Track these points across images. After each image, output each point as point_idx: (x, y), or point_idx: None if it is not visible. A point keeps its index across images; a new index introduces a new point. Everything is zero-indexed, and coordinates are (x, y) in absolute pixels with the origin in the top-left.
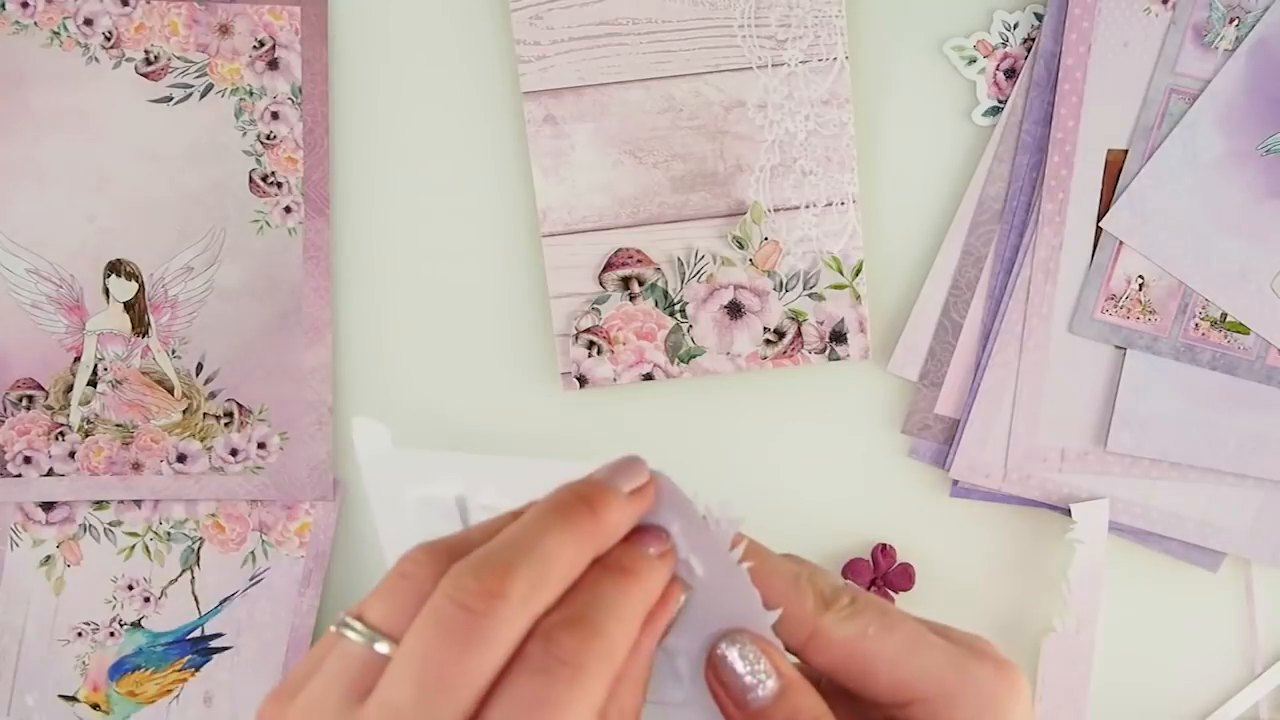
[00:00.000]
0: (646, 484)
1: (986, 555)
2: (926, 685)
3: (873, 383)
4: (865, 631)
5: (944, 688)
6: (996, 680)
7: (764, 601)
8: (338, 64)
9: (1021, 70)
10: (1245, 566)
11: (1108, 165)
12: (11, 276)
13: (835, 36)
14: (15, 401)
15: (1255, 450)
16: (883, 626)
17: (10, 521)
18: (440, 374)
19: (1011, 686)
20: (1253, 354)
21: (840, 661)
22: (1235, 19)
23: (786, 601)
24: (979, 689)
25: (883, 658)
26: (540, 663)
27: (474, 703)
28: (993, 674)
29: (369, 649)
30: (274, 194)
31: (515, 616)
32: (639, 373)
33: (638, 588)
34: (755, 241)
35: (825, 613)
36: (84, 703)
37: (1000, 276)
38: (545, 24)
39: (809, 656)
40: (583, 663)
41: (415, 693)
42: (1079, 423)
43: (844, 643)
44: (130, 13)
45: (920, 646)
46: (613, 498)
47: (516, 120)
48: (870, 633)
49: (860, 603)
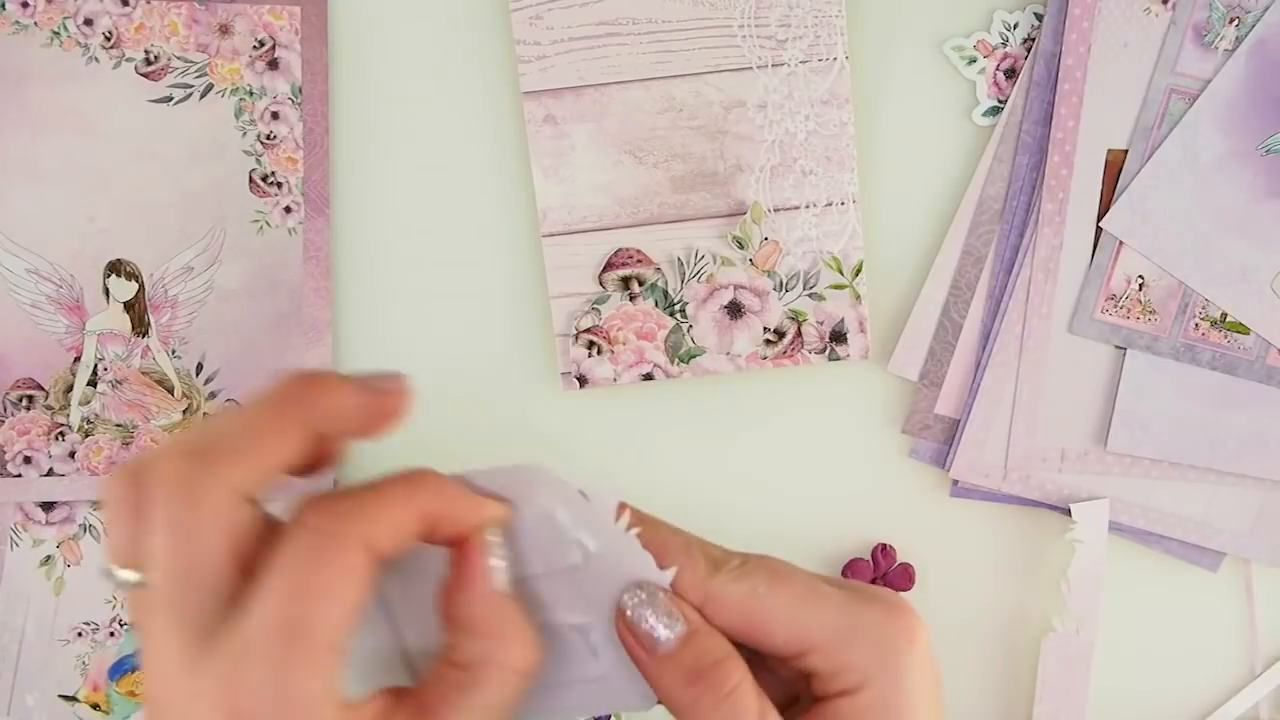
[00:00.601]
0: (395, 389)
1: (986, 555)
2: (820, 634)
3: (873, 383)
4: (756, 590)
5: (838, 634)
6: (890, 622)
7: (658, 564)
8: (338, 64)
9: (1021, 70)
10: (1245, 566)
11: (1108, 165)
12: (11, 276)
13: (835, 36)
14: (15, 401)
15: (1255, 450)
16: (773, 583)
17: (10, 521)
18: (440, 374)
19: (906, 626)
20: (1253, 354)
21: (736, 621)
22: (1235, 19)
23: (679, 566)
24: (873, 632)
25: (776, 612)
26: (297, 535)
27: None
28: (885, 616)
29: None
30: (274, 194)
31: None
32: (639, 373)
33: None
34: (755, 241)
35: (716, 575)
36: (84, 703)
37: (1000, 276)
38: (545, 24)
39: (706, 619)
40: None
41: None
42: (1079, 423)
43: (737, 602)
44: (130, 13)
45: (812, 598)
46: (328, 378)
47: (516, 120)
48: (761, 590)
49: (751, 564)
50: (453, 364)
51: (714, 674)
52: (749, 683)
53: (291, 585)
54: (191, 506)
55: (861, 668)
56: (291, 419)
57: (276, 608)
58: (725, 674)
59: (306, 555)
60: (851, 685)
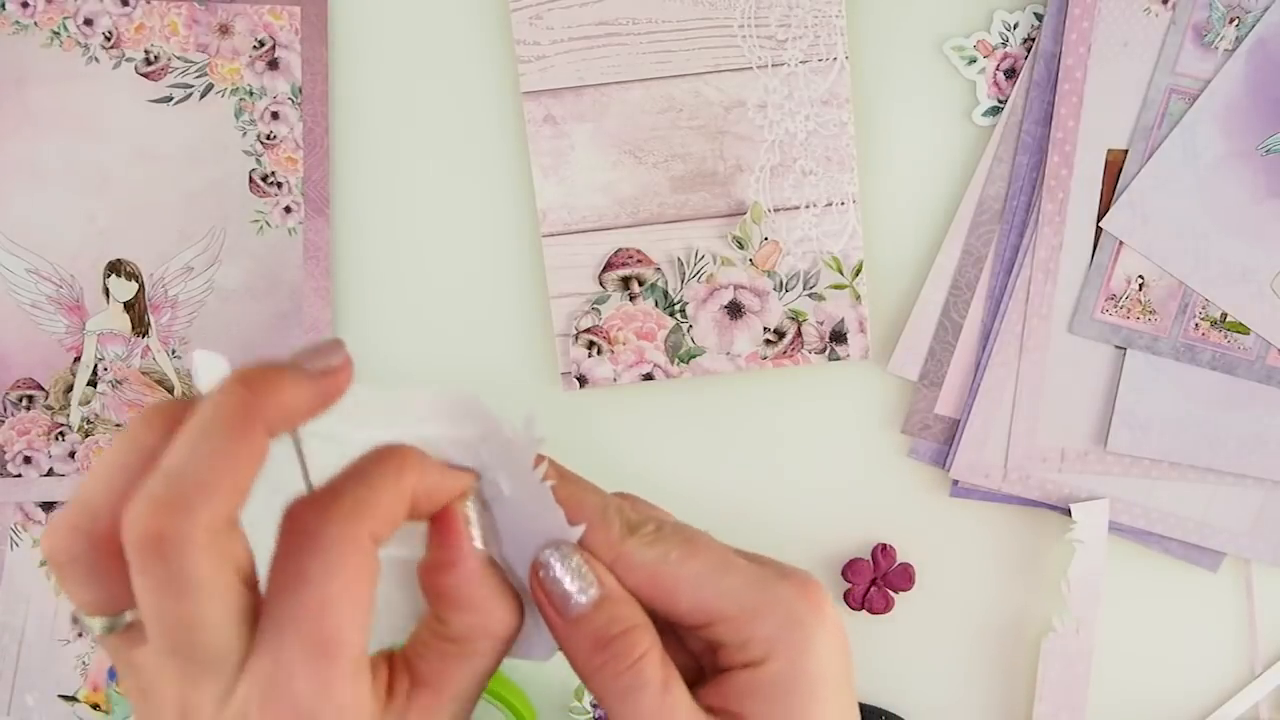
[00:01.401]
0: (340, 364)
1: (986, 555)
2: (727, 605)
3: (873, 383)
4: (667, 556)
5: (745, 607)
6: (799, 598)
7: (569, 522)
8: (338, 64)
9: (1021, 70)
10: (1245, 566)
11: (1108, 165)
12: (11, 276)
13: (835, 36)
14: (15, 401)
15: (1255, 450)
16: (685, 552)
17: (10, 521)
18: (440, 374)
19: (815, 603)
20: (1253, 354)
21: (644, 586)
22: (1235, 19)
23: (592, 526)
24: (781, 607)
25: (684, 581)
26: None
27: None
28: (796, 592)
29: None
30: (274, 194)
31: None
32: (639, 373)
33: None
34: (755, 241)
35: (629, 538)
36: (84, 703)
37: (1000, 276)
38: (545, 24)
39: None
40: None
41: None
42: (1079, 423)
43: (646, 566)
44: (130, 13)
45: (723, 570)
46: (276, 377)
47: (516, 120)
48: (672, 558)
49: (665, 530)
50: (453, 364)
51: (621, 641)
52: (655, 652)
53: (315, 601)
54: (180, 563)
55: (767, 640)
56: (251, 433)
57: (306, 625)
58: (632, 643)
59: (321, 566)
60: (756, 657)
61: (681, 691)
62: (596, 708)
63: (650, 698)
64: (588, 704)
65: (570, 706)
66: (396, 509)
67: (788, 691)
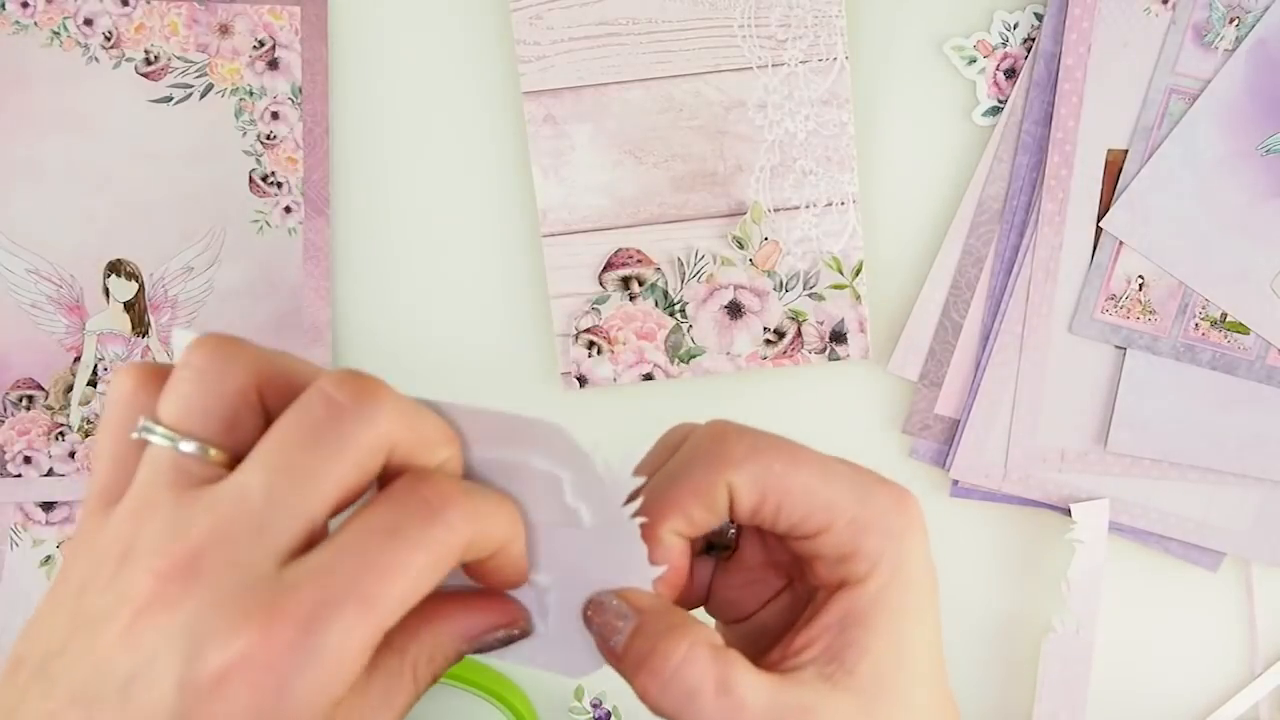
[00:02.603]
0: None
1: (986, 555)
2: (836, 517)
3: (873, 383)
4: (771, 468)
5: (852, 519)
6: (899, 511)
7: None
8: (338, 64)
9: (1021, 70)
10: (1245, 566)
11: (1108, 165)
12: (11, 276)
13: (835, 36)
14: (15, 401)
15: (1255, 450)
16: (788, 463)
17: (10, 521)
18: (440, 374)
19: (913, 517)
20: (1253, 354)
21: (750, 501)
22: (1235, 19)
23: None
24: (884, 521)
25: (791, 495)
26: (403, 495)
27: (324, 507)
28: (894, 504)
29: (174, 451)
30: (274, 194)
31: (380, 426)
32: (639, 373)
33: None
34: (755, 241)
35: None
36: None
37: (1000, 276)
38: (545, 24)
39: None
40: (444, 509)
41: (266, 479)
42: (1079, 423)
43: (753, 482)
44: (130, 13)
45: (827, 478)
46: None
47: (516, 120)
48: (776, 469)
49: (762, 443)
50: (453, 364)
51: (656, 658)
52: (699, 651)
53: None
54: (352, 434)
55: (870, 555)
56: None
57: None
58: (665, 655)
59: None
60: (859, 573)
61: (745, 682)
62: (597, 708)
63: (705, 703)
64: (588, 704)
65: (570, 707)
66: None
67: (891, 613)
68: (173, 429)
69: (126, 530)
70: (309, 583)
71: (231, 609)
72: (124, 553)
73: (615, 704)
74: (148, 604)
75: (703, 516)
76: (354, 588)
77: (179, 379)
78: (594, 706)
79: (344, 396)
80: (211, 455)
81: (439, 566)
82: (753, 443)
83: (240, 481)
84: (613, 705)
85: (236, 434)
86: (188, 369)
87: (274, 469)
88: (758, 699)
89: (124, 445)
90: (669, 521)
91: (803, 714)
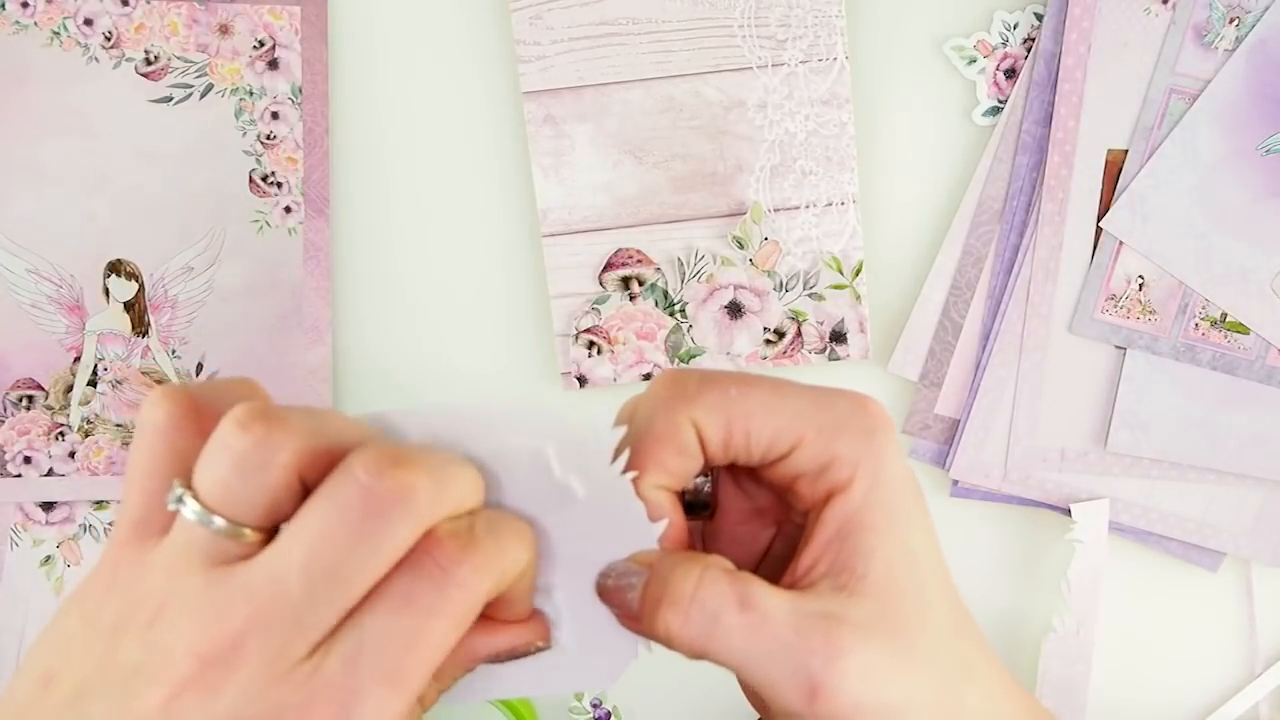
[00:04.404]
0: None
1: (986, 555)
2: (804, 427)
3: (873, 383)
4: (728, 393)
5: (820, 424)
6: (861, 412)
7: (650, 517)
8: (338, 64)
9: (1021, 70)
10: (1245, 566)
11: (1108, 165)
12: (11, 276)
13: (835, 36)
14: (15, 401)
15: (1255, 450)
16: (741, 387)
17: (10, 521)
18: (440, 374)
19: (877, 414)
20: (1253, 354)
21: (719, 430)
22: (1235, 19)
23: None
24: (851, 421)
25: (753, 415)
26: (417, 561)
27: (358, 596)
28: (856, 407)
29: (205, 529)
30: (274, 194)
31: (418, 517)
32: (639, 373)
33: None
34: (755, 241)
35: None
36: None
37: (1000, 276)
38: (545, 24)
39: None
40: (456, 568)
41: (305, 574)
42: (1079, 423)
43: (715, 409)
44: (130, 13)
45: (783, 393)
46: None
47: (516, 120)
48: (733, 393)
49: (714, 375)
50: (453, 364)
51: (669, 593)
52: (713, 574)
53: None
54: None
55: (848, 459)
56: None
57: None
58: (678, 590)
59: (436, 601)
60: (842, 479)
61: (766, 596)
62: (597, 708)
63: (730, 623)
64: (588, 704)
65: (570, 706)
66: (512, 578)
67: (886, 511)
68: (208, 508)
69: (161, 586)
70: (340, 670)
71: (269, 700)
72: (159, 608)
73: (615, 704)
74: (189, 684)
75: (678, 462)
76: (380, 668)
77: (218, 458)
78: (594, 707)
79: (383, 490)
80: (246, 536)
81: (461, 626)
82: (703, 376)
83: (278, 573)
84: (613, 705)
85: (274, 517)
86: (227, 451)
87: (311, 564)
88: (780, 610)
89: (157, 480)
90: (648, 476)
91: (826, 621)
